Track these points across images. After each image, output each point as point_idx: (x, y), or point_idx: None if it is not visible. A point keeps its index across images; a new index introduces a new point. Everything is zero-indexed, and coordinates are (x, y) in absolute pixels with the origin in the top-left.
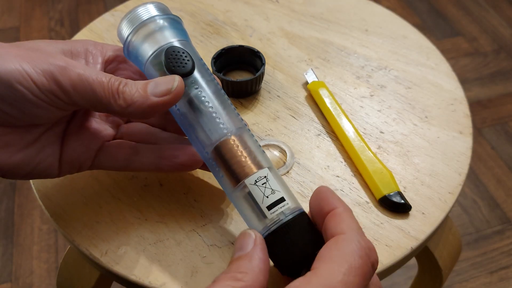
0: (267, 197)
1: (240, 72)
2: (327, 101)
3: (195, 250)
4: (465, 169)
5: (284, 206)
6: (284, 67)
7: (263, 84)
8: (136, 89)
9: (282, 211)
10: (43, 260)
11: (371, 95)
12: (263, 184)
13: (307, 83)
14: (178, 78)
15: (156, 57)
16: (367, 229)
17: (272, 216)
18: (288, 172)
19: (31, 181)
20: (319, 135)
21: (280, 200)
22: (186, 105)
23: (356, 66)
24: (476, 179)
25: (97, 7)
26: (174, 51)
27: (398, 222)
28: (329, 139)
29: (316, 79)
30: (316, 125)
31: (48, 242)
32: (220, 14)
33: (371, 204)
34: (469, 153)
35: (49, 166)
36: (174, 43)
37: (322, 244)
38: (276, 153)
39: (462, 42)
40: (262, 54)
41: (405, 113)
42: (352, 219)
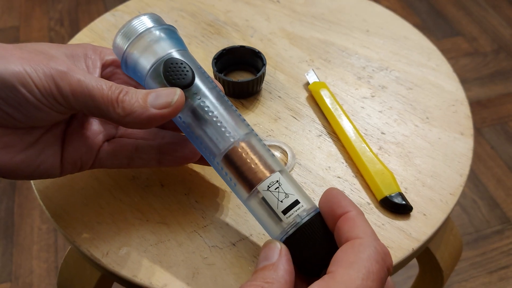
0: (282, 202)
1: (241, 73)
2: (328, 102)
3: (197, 251)
4: (466, 170)
5: (299, 209)
6: (285, 68)
7: (264, 85)
8: (136, 99)
9: (298, 214)
10: (43, 260)
11: (372, 96)
12: (276, 189)
13: (308, 84)
14: (179, 92)
15: (155, 70)
16: None
17: (289, 220)
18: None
19: (31, 181)
20: (320, 136)
21: (295, 203)
22: (190, 116)
23: (357, 67)
24: (476, 179)
25: (97, 7)
26: (173, 63)
27: (399, 223)
28: (330, 140)
29: (317, 80)
30: (317, 126)
31: (48, 242)
32: (221, 14)
33: (372, 205)
34: (470, 154)
35: (51, 167)
36: (173, 54)
37: (335, 245)
38: (277, 154)
39: (462, 42)
40: (263, 55)
41: (406, 114)
42: (367, 224)
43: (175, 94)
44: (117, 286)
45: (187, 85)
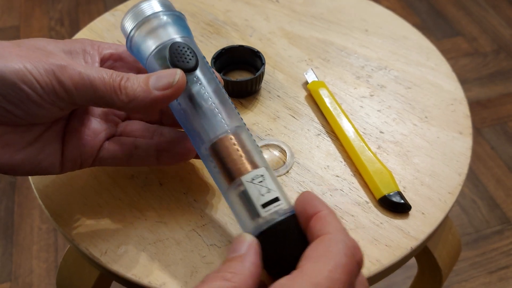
0: (263, 195)
1: (240, 72)
2: (327, 101)
3: (195, 250)
4: (465, 170)
5: (278, 206)
6: (284, 67)
7: (263, 84)
8: (138, 84)
9: (276, 211)
10: (43, 260)
11: (371, 95)
12: (260, 182)
13: (307, 83)
14: (180, 72)
15: (159, 52)
16: (367, 229)
17: (266, 215)
18: (288, 172)
19: (31, 181)
20: (319, 135)
21: (275, 200)
22: (187, 101)
23: (356, 66)
24: (476, 179)
25: (97, 7)
26: (179, 47)
27: (398, 222)
28: (329, 139)
29: (316, 79)
30: (316, 125)
31: (48, 242)
32: (221, 14)
33: (371, 204)
34: (469, 154)
35: (51, 164)
36: (177, 39)
37: (307, 246)
38: (276, 153)
39: (462, 42)
40: (262, 54)
41: (405, 113)
42: (337, 221)
43: (176, 74)
44: (116, 285)
45: (191, 69)
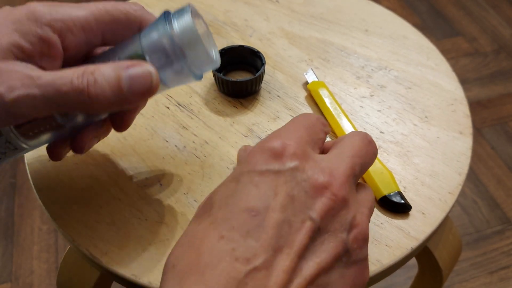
0: None
1: (240, 72)
2: (327, 101)
3: None
4: (465, 169)
5: None
6: (284, 67)
7: (263, 84)
8: (109, 87)
9: None
10: (43, 260)
11: (371, 95)
12: None
13: (307, 83)
14: (154, 71)
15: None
16: None
17: None
18: None
19: (31, 181)
20: None
21: None
22: None
23: (356, 66)
24: (476, 179)
25: None
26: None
27: (398, 222)
28: (329, 139)
29: (316, 79)
30: None
31: (48, 242)
32: (220, 14)
33: None
34: (469, 153)
35: None
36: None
37: None
38: None
39: (462, 42)
40: (262, 54)
41: (405, 113)
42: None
43: (151, 76)
44: (116, 285)
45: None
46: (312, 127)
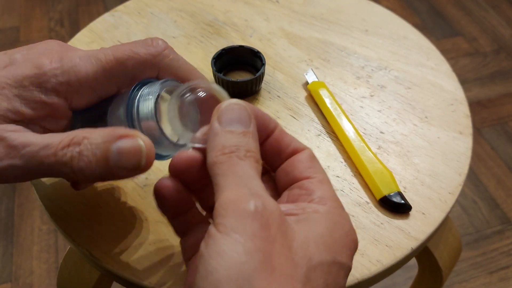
0: None
1: (240, 73)
2: (327, 102)
3: None
4: (465, 170)
5: None
6: (284, 68)
7: (263, 85)
8: (96, 164)
9: None
10: (43, 260)
11: (371, 96)
12: None
13: (307, 84)
14: (145, 146)
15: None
16: (367, 229)
17: None
18: None
19: (31, 181)
20: (319, 135)
21: None
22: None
23: (356, 67)
24: (476, 179)
25: (97, 8)
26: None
27: (398, 223)
28: (329, 139)
29: (316, 79)
30: (316, 126)
31: (48, 242)
32: (220, 15)
33: (371, 204)
34: (469, 154)
35: None
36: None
37: None
38: None
39: (462, 42)
40: (262, 54)
41: (405, 114)
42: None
43: (141, 152)
44: (116, 285)
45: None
46: None
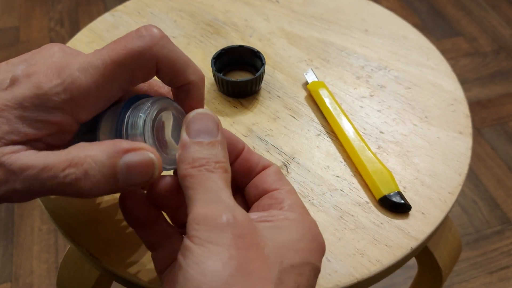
0: None
1: (240, 72)
2: (327, 101)
3: None
4: (465, 169)
5: None
6: (284, 67)
7: (263, 84)
8: (105, 182)
9: None
10: (43, 260)
11: (371, 95)
12: None
13: (307, 83)
14: (155, 157)
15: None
16: (367, 229)
17: None
18: (288, 172)
19: None
20: (319, 135)
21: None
22: None
23: (356, 66)
24: (476, 179)
25: (97, 7)
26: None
27: (398, 222)
28: (329, 139)
29: (316, 79)
30: (316, 125)
31: (48, 242)
32: (220, 14)
33: (371, 204)
34: (469, 153)
35: None
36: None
37: None
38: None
39: (462, 42)
40: (262, 54)
41: (405, 113)
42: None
43: (153, 164)
44: (116, 285)
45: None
46: None
